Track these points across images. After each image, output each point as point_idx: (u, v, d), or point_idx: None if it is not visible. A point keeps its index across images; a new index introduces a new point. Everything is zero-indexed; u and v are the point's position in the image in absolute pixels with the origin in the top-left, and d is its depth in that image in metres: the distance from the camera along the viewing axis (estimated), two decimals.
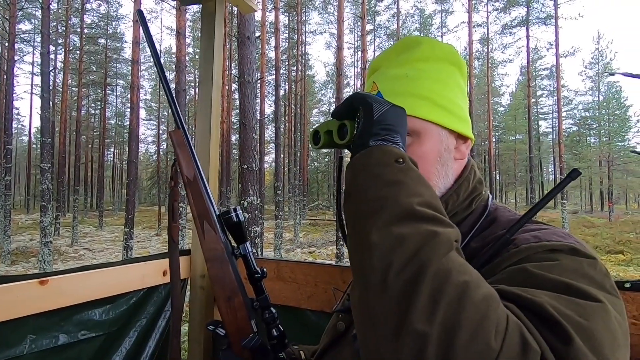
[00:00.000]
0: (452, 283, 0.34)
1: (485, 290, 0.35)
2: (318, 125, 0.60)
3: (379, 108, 0.49)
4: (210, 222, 0.73)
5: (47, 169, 9.16)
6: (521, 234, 0.50)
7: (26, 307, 0.94)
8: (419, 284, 0.34)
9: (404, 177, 0.43)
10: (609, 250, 12.25)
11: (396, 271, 0.36)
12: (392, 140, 0.48)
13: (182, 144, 0.78)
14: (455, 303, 0.33)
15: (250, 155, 5.99)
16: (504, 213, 0.60)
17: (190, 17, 21.23)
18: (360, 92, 0.54)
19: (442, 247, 0.37)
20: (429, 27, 26.64)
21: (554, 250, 0.45)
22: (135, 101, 11.27)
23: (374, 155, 0.45)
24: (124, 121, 31.62)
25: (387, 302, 0.35)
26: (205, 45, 1.45)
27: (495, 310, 0.34)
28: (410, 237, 0.38)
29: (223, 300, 0.70)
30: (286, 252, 12.83)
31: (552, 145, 32.15)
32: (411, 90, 0.59)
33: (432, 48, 0.62)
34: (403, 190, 0.42)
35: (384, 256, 0.37)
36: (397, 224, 0.39)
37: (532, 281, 0.40)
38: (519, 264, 0.44)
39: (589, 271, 0.42)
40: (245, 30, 6.18)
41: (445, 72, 0.62)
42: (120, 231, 15.11)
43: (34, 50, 24.82)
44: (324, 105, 35.64)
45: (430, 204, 0.42)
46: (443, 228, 0.40)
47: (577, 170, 0.51)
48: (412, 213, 0.40)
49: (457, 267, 0.36)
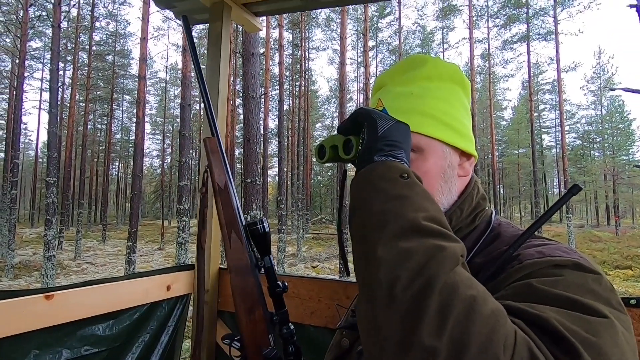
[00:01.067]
0: (460, 297, 0.34)
1: (492, 305, 0.35)
2: (323, 140, 0.61)
3: (383, 124, 0.50)
4: (237, 231, 0.72)
5: (52, 182, 9.24)
6: (525, 249, 0.50)
7: (32, 322, 0.94)
8: (426, 298, 0.34)
9: (409, 191, 0.44)
10: (616, 265, 12.04)
11: (403, 285, 0.36)
12: (396, 156, 0.48)
13: (215, 151, 0.79)
14: (463, 317, 0.33)
15: (253, 169, 6.02)
16: (507, 228, 0.60)
17: (196, 35, 21.69)
18: (365, 107, 0.55)
19: (449, 261, 0.37)
20: (430, 43, 27.01)
21: (558, 266, 0.45)
22: (141, 116, 11.42)
23: (379, 170, 0.46)
24: (130, 135, 32.00)
25: (394, 317, 0.35)
26: (212, 63, 1.49)
27: (503, 325, 0.34)
28: (416, 252, 0.38)
29: (244, 313, 0.69)
30: (289, 267, 12.72)
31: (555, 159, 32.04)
32: (416, 107, 0.61)
33: (436, 67, 0.64)
34: (408, 205, 0.42)
35: (391, 270, 0.37)
36: (403, 238, 0.39)
37: (537, 297, 0.41)
38: (523, 280, 0.45)
39: (594, 287, 0.42)
40: (250, 47, 6.31)
41: (449, 90, 0.64)
42: (123, 245, 15.10)
43: (43, 67, 25.40)
44: (327, 120, 35.93)
45: (436, 219, 0.42)
46: (449, 243, 0.40)
47: (578, 185, 0.51)
48: (418, 227, 0.40)
49: (464, 281, 0.36)
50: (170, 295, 1.36)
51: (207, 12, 1.53)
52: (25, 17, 12.42)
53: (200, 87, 0.83)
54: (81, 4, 19.65)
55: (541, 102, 31.03)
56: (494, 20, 23.35)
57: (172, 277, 1.37)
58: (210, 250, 1.44)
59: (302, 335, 1.27)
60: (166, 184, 27.97)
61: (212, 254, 1.45)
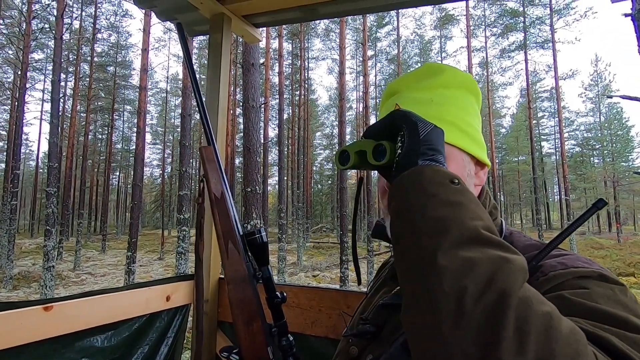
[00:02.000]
0: (536, 313, 0.31)
1: (568, 323, 0.33)
2: (347, 145, 0.58)
3: (424, 127, 0.48)
4: (235, 242, 0.72)
5: (53, 193, 9.24)
6: (545, 260, 0.50)
7: (30, 334, 0.93)
8: (502, 313, 0.31)
9: (463, 198, 0.41)
10: (619, 272, 11.95)
11: (474, 298, 0.33)
12: (439, 160, 0.45)
13: (211, 160, 0.79)
14: (544, 335, 0.31)
15: (254, 178, 6.03)
16: (519, 238, 0.60)
17: (196, 45, 21.96)
18: (402, 109, 0.52)
19: (518, 274, 0.35)
20: (428, 52, 27.27)
21: (583, 277, 0.44)
22: (141, 126, 11.48)
23: (427, 174, 0.43)
24: (130, 145, 32.11)
25: (467, 332, 0.32)
26: (212, 74, 1.50)
27: (585, 345, 0.32)
28: (481, 262, 0.35)
29: (242, 324, 0.68)
30: (290, 276, 12.64)
31: (555, 166, 32.09)
32: (437, 115, 0.60)
33: (454, 76, 0.64)
34: (465, 212, 0.39)
35: (456, 280, 0.34)
36: (464, 247, 0.36)
37: (573, 310, 0.40)
38: (552, 292, 0.44)
39: (622, 298, 0.42)
40: (249, 57, 6.37)
41: (466, 99, 0.64)
42: (122, 255, 15.02)
43: (45, 78, 25.63)
44: (326, 129, 36.09)
45: (491, 229, 0.40)
46: (512, 255, 0.37)
47: (603, 200, 0.50)
48: (478, 237, 0.37)
49: (535, 296, 0.34)
50: (169, 306, 1.35)
51: (207, 23, 1.55)
52: (28, 29, 12.58)
53: (196, 95, 0.84)
54: (83, 17, 19.94)
55: (540, 109, 31.20)
56: (491, 29, 23.63)
57: (172, 288, 1.36)
58: (210, 261, 1.43)
59: (303, 345, 1.26)
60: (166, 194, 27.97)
61: (211, 264, 1.44)
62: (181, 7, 1.48)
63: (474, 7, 22.98)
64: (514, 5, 21.26)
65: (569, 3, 19.37)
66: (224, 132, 1.53)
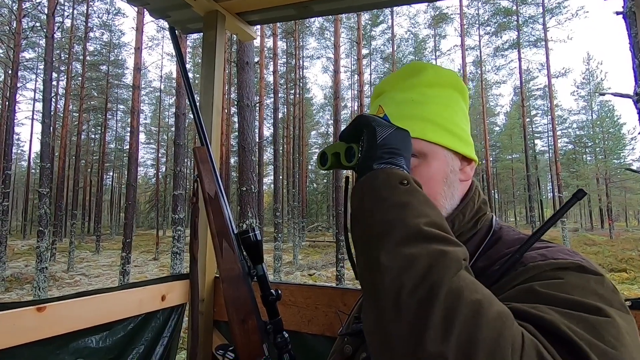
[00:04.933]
0: (465, 302, 0.34)
1: (498, 308, 0.35)
2: (326, 147, 0.61)
3: (382, 132, 0.50)
4: (229, 241, 0.72)
5: (45, 193, 9.14)
6: (528, 252, 0.50)
7: (23, 336, 0.92)
8: (432, 304, 0.34)
9: (410, 198, 0.44)
10: (611, 268, 12.11)
11: (408, 292, 0.36)
12: (395, 163, 0.48)
13: (205, 160, 0.79)
14: (469, 322, 0.33)
15: (249, 177, 6.01)
16: (508, 232, 0.61)
17: (190, 44, 21.83)
18: (365, 114, 0.55)
19: (452, 265, 0.37)
20: (423, 50, 27.36)
21: (561, 268, 0.45)
22: (135, 125, 11.39)
23: (379, 178, 0.46)
24: (124, 145, 31.85)
25: (402, 325, 0.35)
26: (206, 72, 1.49)
27: (510, 328, 0.33)
28: (420, 258, 0.38)
29: (237, 323, 0.69)
30: (285, 275, 12.62)
31: (548, 164, 32.38)
32: (418, 113, 0.61)
33: (436, 74, 0.65)
34: (410, 212, 0.42)
35: (395, 278, 0.37)
36: (406, 245, 0.39)
37: (540, 300, 0.41)
38: (527, 283, 0.45)
39: (596, 288, 0.42)
40: (244, 56, 6.35)
41: (449, 96, 0.65)
42: (117, 256, 14.91)
43: (36, 77, 25.33)
44: (321, 128, 36.08)
45: (437, 224, 0.42)
46: (452, 247, 0.40)
47: (583, 190, 0.51)
48: (420, 233, 0.40)
49: (468, 285, 0.36)
50: (165, 306, 1.34)
51: (201, 21, 1.54)
52: (19, 28, 12.41)
53: (189, 96, 0.84)
54: (75, 15, 19.71)
55: (533, 107, 31.45)
56: (484, 28, 23.76)
57: (167, 287, 1.35)
58: (205, 260, 1.43)
59: (300, 343, 1.26)
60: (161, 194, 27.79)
61: (207, 263, 1.43)
62: (174, 5, 1.47)
63: (467, 6, 23.10)
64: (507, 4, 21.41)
65: (561, 2, 19.55)
66: (219, 131, 1.52)
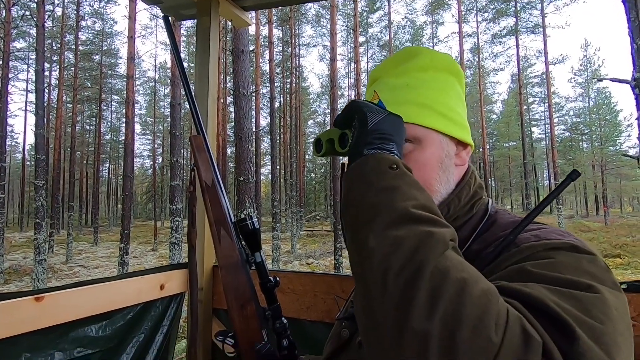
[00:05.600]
0: (450, 280, 0.35)
1: (483, 286, 0.35)
2: (321, 133, 0.61)
3: (373, 117, 0.51)
4: (226, 229, 0.73)
5: (41, 185, 9.09)
6: (522, 233, 0.51)
7: (22, 325, 0.92)
8: (417, 284, 0.35)
9: (399, 182, 0.44)
10: (606, 254, 12.27)
11: (395, 273, 0.36)
12: (386, 148, 0.49)
13: (201, 149, 0.79)
14: (454, 300, 0.33)
15: (246, 167, 5.99)
16: (503, 215, 0.61)
17: (184, 32, 21.48)
18: (357, 100, 0.55)
19: (439, 246, 0.38)
20: (420, 37, 27.08)
21: (554, 249, 0.45)
22: (130, 116, 11.27)
23: (369, 164, 0.46)
24: (119, 136, 31.60)
25: (388, 304, 0.36)
26: (201, 59, 1.47)
27: (494, 304, 0.34)
28: (406, 239, 0.38)
29: (236, 309, 0.69)
30: (284, 264, 12.71)
31: (545, 151, 32.46)
32: (412, 98, 0.61)
33: (431, 58, 0.64)
34: (398, 195, 0.43)
35: (382, 260, 0.38)
36: (393, 227, 0.40)
37: (531, 279, 0.41)
38: (519, 263, 0.45)
39: (588, 267, 0.42)
40: (239, 44, 6.26)
41: (444, 81, 0.64)
42: (115, 247, 14.93)
43: (28, 68, 24.91)
44: (319, 117, 35.89)
45: (425, 207, 0.43)
46: (438, 228, 0.41)
47: (577, 171, 0.52)
48: (407, 216, 0.41)
49: (454, 265, 0.37)
50: (164, 295, 1.34)
51: (194, 7, 1.51)
52: (8, 16, 12.13)
53: (184, 85, 0.83)
54: (66, 3, 19.29)
55: (530, 95, 31.39)
56: (482, 14, 23.52)
57: (166, 276, 1.35)
58: (203, 249, 1.43)
59: (298, 329, 1.27)
60: (158, 185, 27.71)
61: (205, 252, 1.44)
62: None
63: None
64: None
65: None
66: (215, 120, 1.50)
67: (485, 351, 0.31)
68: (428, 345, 0.32)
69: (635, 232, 15.60)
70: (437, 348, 0.32)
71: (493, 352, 0.31)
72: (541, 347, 0.32)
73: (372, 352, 0.37)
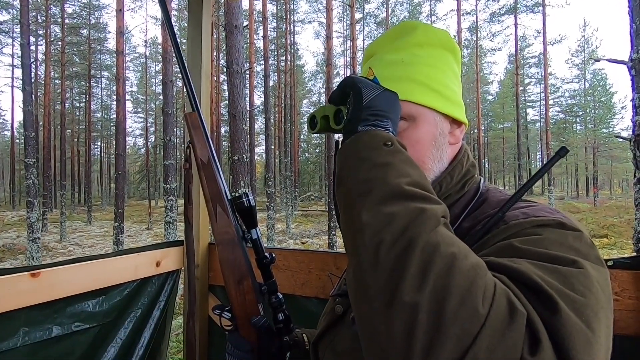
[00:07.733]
0: (441, 255, 0.36)
1: (472, 260, 0.37)
2: (315, 110, 0.60)
3: (368, 94, 0.50)
4: (223, 205, 0.73)
5: (32, 164, 8.96)
6: (510, 211, 0.51)
7: (18, 300, 0.93)
8: (408, 257, 0.36)
9: (393, 158, 0.45)
10: (593, 234, 12.55)
11: (387, 247, 0.37)
12: (380, 125, 0.49)
13: (197, 126, 0.78)
14: (444, 273, 0.34)
15: (240, 146, 5.95)
16: (494, 193, 0.62)
17: (175, 7, 20.74)
18: (352, 76, 0.55)
19: (430, 222, 0.39)
20: (418, 15, 26.49)
21: (541, 225, 0.46)
22: (121, 93, 11.02)
23: (363, 140, 0.47)
24: (110, 114, 30.99)
25: (379, 277, 0.37)
26: (193, 34, 1.42)
27: (482, 277, 0.35)
28: (399, 215, 0.39)
29: (233, 284, 0.71)
30: (279, 243, 12.85)
31: (539, 133, 32.58)
32: (407, 75, 0.60)
33: (426, 34, 0.63)
34: (392, 171, 0.43)
35: (375, 234, 0.39)
36: (386, 203, 0.41)
37: (518, 255, 0.42)
38: (508, 240, 0.46)
39: (574, 243, 0.44)
40: (232, 19, 6.07)
41: (440, 57, 0.63)
42: (109, 226, 14.92)
43: (13, 42, 24.02)
44: (314, 96, 35.43)
45: (419, 184, 0.44)
46: (430, 205, 0.42)
47: (565, 147, 0.52)
48: (400, 192, 0.42)
49: (445, 240, 0.38)
50: (160, 271, 1.36)
51: None
52: None
53: (178, 60, 0.81)
54: None
55: (527, 75, 31.18)
56: None
57: (162, 253, 1.36)
58: (199, 226, 1.43)
59: (293, 305, 1.30)
60: (151, 164, 27.46)
61: (200, 229, 1.44)
62: None
63: None
64: None
65: None
66: (208, 97, 1.47)
67: (472, 321, 0.32)
68: (417, 316, 0.33)
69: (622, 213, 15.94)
70: (426, 318, 0.33)
71: (480, 323, 0.32)
72: (525, 318, 0.33)
73: (362, 324, 0.39)
